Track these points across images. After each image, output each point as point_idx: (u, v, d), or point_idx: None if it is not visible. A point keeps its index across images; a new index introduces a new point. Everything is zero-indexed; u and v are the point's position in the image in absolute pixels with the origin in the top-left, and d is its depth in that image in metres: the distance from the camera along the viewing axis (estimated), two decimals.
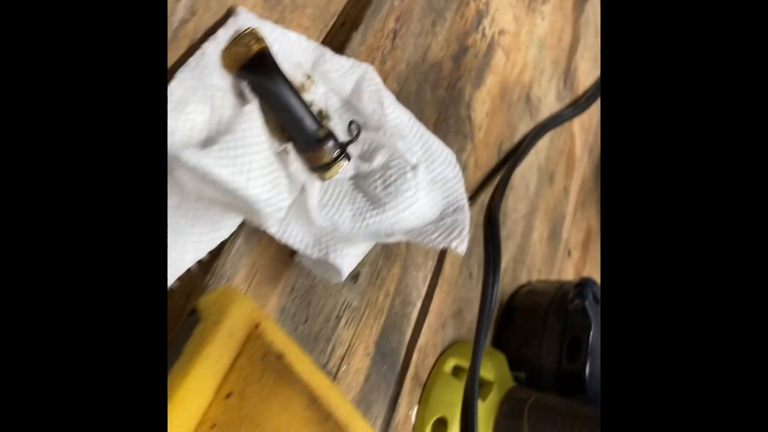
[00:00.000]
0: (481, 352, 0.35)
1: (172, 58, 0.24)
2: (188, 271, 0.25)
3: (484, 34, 0.45)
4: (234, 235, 0.27)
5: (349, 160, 0.27)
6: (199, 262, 0.26)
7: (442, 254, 0.40)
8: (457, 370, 0.39)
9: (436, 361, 0.39)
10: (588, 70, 0.61)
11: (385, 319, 0.35)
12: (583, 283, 0.44)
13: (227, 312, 0.24)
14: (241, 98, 0.26)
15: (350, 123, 0.29)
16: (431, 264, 0.39)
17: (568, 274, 0.59)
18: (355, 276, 0.33)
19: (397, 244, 0.36)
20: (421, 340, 0.38)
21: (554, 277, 0.56)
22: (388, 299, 0.35)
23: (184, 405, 0.22)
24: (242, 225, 0.27)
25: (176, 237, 0.24)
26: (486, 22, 0.45)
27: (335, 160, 0.27)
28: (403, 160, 0.30)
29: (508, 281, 0.48)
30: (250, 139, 0.24)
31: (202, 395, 0.23)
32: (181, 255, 0.25)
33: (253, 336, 0.25)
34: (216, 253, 0.26)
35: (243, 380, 0.24)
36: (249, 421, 0.24)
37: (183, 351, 0.23)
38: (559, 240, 0.57)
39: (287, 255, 0.29)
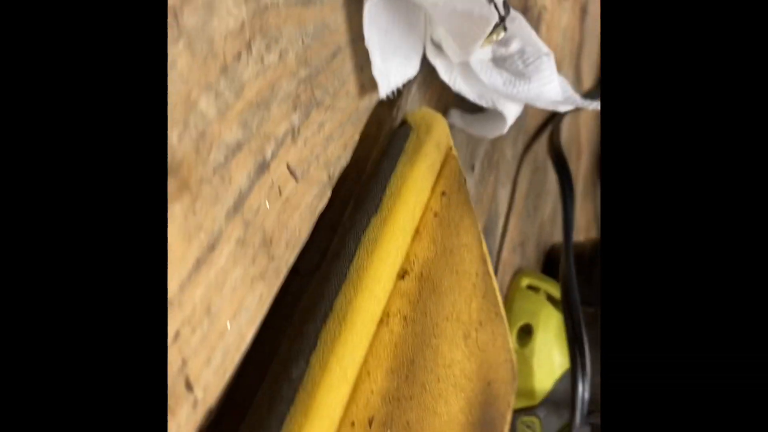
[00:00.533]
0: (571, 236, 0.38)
1: None
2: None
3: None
4: (411, 81, 0.29)
5: (505, 30, 0.30)
6: (388, 98, 0.27)
7: (515, 183, 0.43)
8: (530, 288, 0.41)
9: (512, 279, 0.41)
10: (588, 71, 0.68)
11: (486, 220, 0.37)
12: None
13: (434, 125, 0.26)
14: None
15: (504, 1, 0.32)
16: (509, 187, 0.42)
17: None
18: (472, 166, 0.35)
19: (495, 154, 0.39)
20: (504, 254, 0.40)
21: None
22: (488, 203, 0.37)
23: (416, 191, 0.24)
24: (416, 76, 0.29)
25: (384, 57, 0.26)
26: None
27: (495, 27, 0.30)
28: (536, 47, 0.33)
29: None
30: None
31: (425, 187, 0.24)
32: (386, 77, 0.26)
33: (450, 155, 0.26)
34: (398, 94, 0.28)
35: (449, 186, 0.25)
36: (453, 225, 0.25)
37: (405, 149, 0.24)
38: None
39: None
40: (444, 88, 0.33)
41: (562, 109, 0.32)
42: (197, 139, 0.17)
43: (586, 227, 0.66)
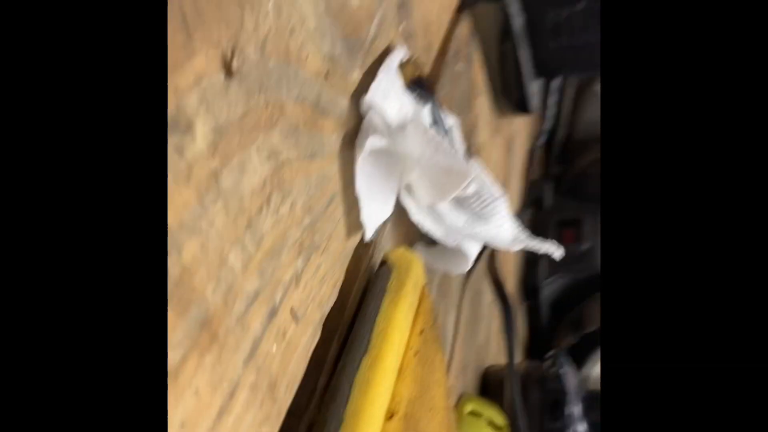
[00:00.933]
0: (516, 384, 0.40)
1: (369, 60, 0.30)
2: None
3: None
4: (386, 221, 0.31)
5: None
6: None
7: (459, 310, 0.45)
8: (473, 414, 0.43)
9: (456, 404, 0.43)
10: (513, 202, 0.73)
11: None
12: (557, 354, 0.50)
13: (412, 265, 0.28)
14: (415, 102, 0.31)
15: (466, 149, 0.35)
16: (455, 314, 0.44)
17: None
18: None
19: (444, 283, 0.41)
20: (450, 380, 0.41)
21: None
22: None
23: (400, 332, 0.25)
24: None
25: (368, 203, 0.28)
26: None
27: None
28: (491, 190, 0.36)
29: None
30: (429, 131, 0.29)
31: (407, 326, 0.26)
32: (371, 221, 0.28)
33: (425, 292, 0.28)
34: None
35: (426, 323, 0.27)
36: (429, 362, 0.27)
37: (388, 289, 0.26)
38: None
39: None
40: (410, 225, 0.35)
41: (515, 248, 0.35)
42: (226, 292, 0.18)
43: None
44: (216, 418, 0.18)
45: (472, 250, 0.33)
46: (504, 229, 0.35)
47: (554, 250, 0.35)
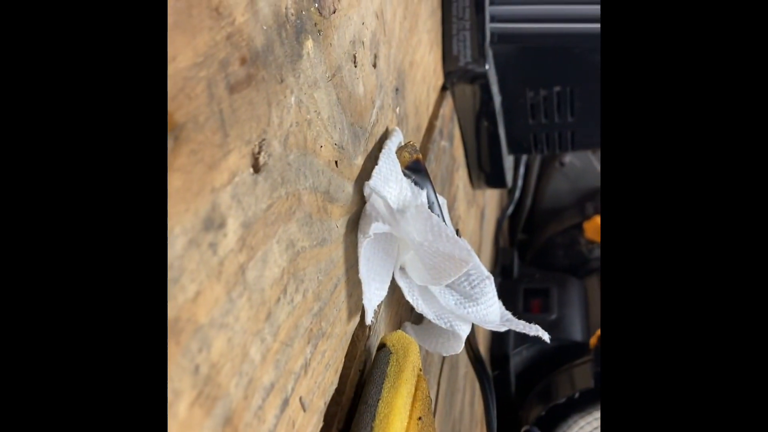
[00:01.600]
0: None
1: (370, 144, 0.31)
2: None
3: None
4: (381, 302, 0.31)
5: None
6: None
7: (438, 384, 0.45)
8: None
9: None
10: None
11: None
12: (530, 430, 0.51)
13: (410, 349, 0.28)
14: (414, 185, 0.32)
15: (456, 231, 0.36)
16: (435, 389, 0.44)
17: None
18: None
19: (428, 359, 0.41)
20: None
21: None
22: None
23: (399, 417, 0.25)
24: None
25: (368, 286, 0.28)
26: None
27: None
28: (479, 270, 0.37)
29: None
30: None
31: (406, 412, 0.26)
32: (370, 303, 0.28)
33: (421, 377, 0.28)
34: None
35: (423, 409, 0.27)
36: None
37: (387, 374, 0.26)
38: None
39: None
40: (400, 304, 0.35)
41: (502, 329, 0.36)
42: (246, 386, 0.18)
43: (480, 421, 0.68)
44: None
45: (464, 330, 0.34)
46: (492, 310, 0.36)
47: (541, 333, 0.35)
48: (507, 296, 0.82)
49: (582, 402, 0.68)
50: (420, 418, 0.26)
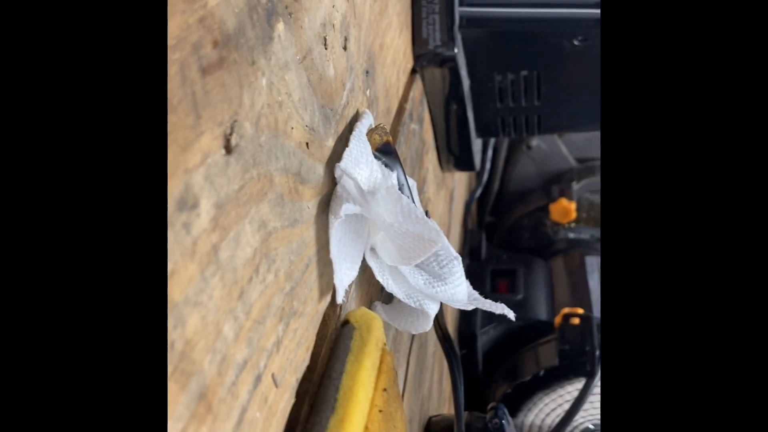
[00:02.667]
0: None
1: (341, 126, 0.31)
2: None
3: None
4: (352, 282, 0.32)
5: None
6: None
7: (408, 362, 0.46)
8: None
9: None
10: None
11: None
12: (497, 406, 0.52)
13: (373, 325, 0.29)
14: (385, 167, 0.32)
15: (425, 212, 0.37)
16: (404, 367, 0.45)
17: None
18: None
19: (398, 337, 0.42)
20: None
21: None
22: None
23: (365, 391, 0.26)
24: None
25: (339, 266, 0.29)
26: None
27: None
28: (448, 250, 0.37)
29: None
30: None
31: (371, 384, 0.27)
32: (341, 283, 0.29)
33: (386, 351, 0.29)
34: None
35: (388, 381, 0.28)
36: (392, 419, 0.28)
37: (351, 348, 0.27)
38: None
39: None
40: (371, 285, 0.36)
41: (469, 308, 0.36)
42: (220, 363, 0.19)
43: (448, 398, 0.70)
44: None
45: (433, 309, 0.34)
46: (460, 289, 0.36)
47: (507, 312, 0.36)
48: (475, 277, 0.83)
49: (547, 379, 0.69)
50: (385, 390, 0.27)
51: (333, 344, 0.28)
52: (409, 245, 0.29)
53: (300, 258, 0.25)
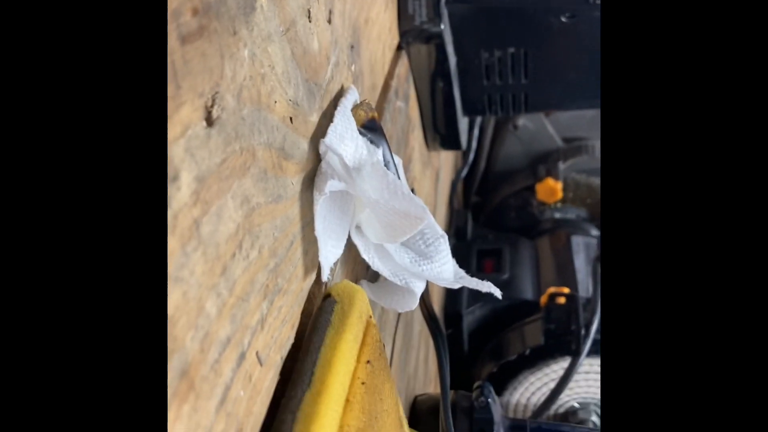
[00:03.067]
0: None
1: (326, 101, 0.30)
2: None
3: None
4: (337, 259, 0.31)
5: None
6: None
7: (394, 341, 0.46)
8: None
9: None
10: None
11: None
12: (483, 385, 0.52)
13: (355, 297, 0.28)
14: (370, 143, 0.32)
15: (411, 189, 0.36)
16: (390, 345, 0.45)
17: None
18: None
19: (383, 315, 0.42)
20: None
21: None
22: None
23: (345, 363, 0.25)
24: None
25: (324, 243, 0.28)
26: None
27: None
28: (434, 229, 0.37)
29: None
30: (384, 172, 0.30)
31: (352, 357, 0.26)
32: (327, 260, 0.28)
33: (370, 323, 0.29)
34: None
35: (373, 353, 0.27)
36: (377, 392, 0.27)
37: (332, 321, 0.26)
38: None
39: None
40: (356, 262, 0.36)
41: (455, 286, 0.36)
42: (202, 340, 0.18)
43: (434, 377, 0.70)
44: None
45: (419, 287, 0.34)
46: (446, 268, 0.36)
47: (493, 290, 0.36)
48: (461, 257, 0.83)
49: (532, 359, 0.70)
50: (369, 362, 0.27)
51: (313, 318, 0.28)
52: (394, 222, 0.29)
53: (284, 235, 0.25)
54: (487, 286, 0.36)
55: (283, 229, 0.25)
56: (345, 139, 0.30)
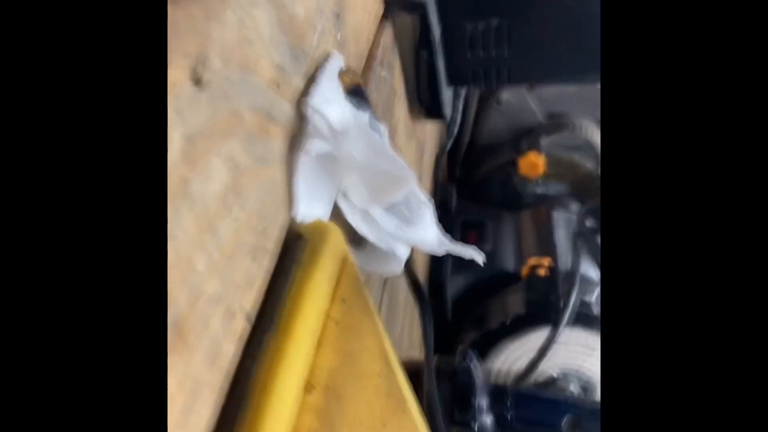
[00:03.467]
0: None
1: (311, 68, 0.31)
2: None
3: None
4: None
5: None
6: None
7: (380, 307, 0.47)
8: None
9: None
10: None
11: None
12: (466, 351, 0.53)
13: (328, 235, 0.28)
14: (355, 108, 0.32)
15: None
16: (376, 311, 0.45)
17: None
18: None
19: (369, 282, 0.42)
20: None
21: None
22: None
23: (314, 302, 0.25)
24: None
25: (308, 204, 0.29)
26: None
27: None
28: (417, 196, 0.38)
29: None
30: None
31: (324, 296, 0.25)
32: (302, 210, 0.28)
33: (347, 261, 0.28)
34: None
35: (348, 291, 0.27)
36: (354, 330, 0.26)
37: (300, 260, 0.26)
38: None
39: None
40: (341, 228, 0.36)
41: (439, 252, 0.37)
42: (193, 296, 0.19)
43: (418, 344, 0.71)
44: (180, 416, 0.18)
45: (403, 252, 0.35)
46: (430, 234, 0.37)
47: (476, 256, 0.37)
48: (445, 228, 0.83)
49: (513, 327, 0.71)
50: (343, 301, 0.26)
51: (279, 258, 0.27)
52: (380, 184, 0.29)
53: (271, 198, 0.25)
54: (470, 253, 0.37)
55: (270, 192, 0.25)
56: (330, 102, 0.30)
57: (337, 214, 0.32)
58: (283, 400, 0.21)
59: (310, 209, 0.29)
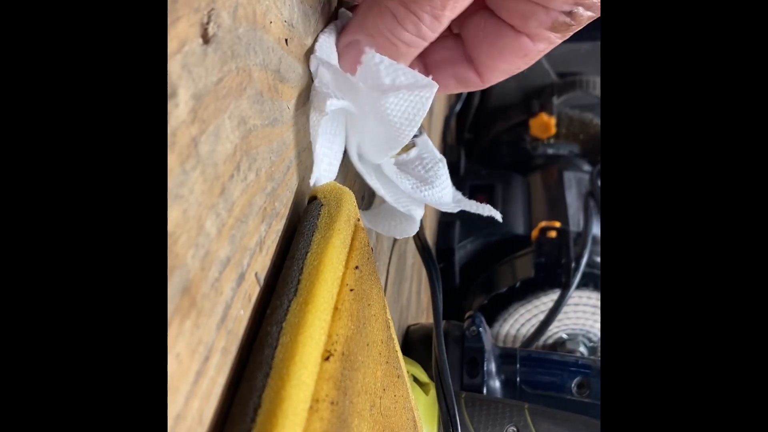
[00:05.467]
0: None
1: (320, 25, 0.30)
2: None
3: None
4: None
5: (414, 145, 0.34)
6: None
7: (388, 271, 0.46)
8: None
9: None
10: None
11: None
12: (474, 315, 0.53)
13: (343, 199, 0.27)
14: None
15: None
16: (384, 276, 0.45)
17: None
18: None
19: (377, 246, 0.42)
20: None
21: None
22: None
23: (333, 269, 0.24)
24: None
25: (318, 165, 0.28)
26: None
27: None
28: (432, 153, 0.37)
29: None
30: None
31: (340, 263, 0.25)
32: (318, 173, 0.28)
33: (359, 226, 0.28)
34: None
35: (361, 258, 0.27)
36: (366, 297, 0.26)
37: (318, 226, 0.26)
38: None
39: None
40: (351, 189, 0.36)
41: (454, 210, 0.36)
42: (203, 258, 0.18)
43: (426, 308, 0.71)
44: (193, 381, 0.18)
45: (419, 213, 0.34)
46: (446, 192, 0.36)
47: (494, 213, 0.37)
48: None
49: (522, 291, 0.71)
50: (357, 267, 0.26)
51: (300, 223, 0.27)
52: (402, 109, 0.27)
53: (281, 159, 0.25)
54: (486, 210, 0.36)
55: (280, 153, 0.24)
56: (332, 58, 0.29)
57: (344, 174, 0.32)
58: (308, 369, 0.21)
59: (322, 171, 0.28)
